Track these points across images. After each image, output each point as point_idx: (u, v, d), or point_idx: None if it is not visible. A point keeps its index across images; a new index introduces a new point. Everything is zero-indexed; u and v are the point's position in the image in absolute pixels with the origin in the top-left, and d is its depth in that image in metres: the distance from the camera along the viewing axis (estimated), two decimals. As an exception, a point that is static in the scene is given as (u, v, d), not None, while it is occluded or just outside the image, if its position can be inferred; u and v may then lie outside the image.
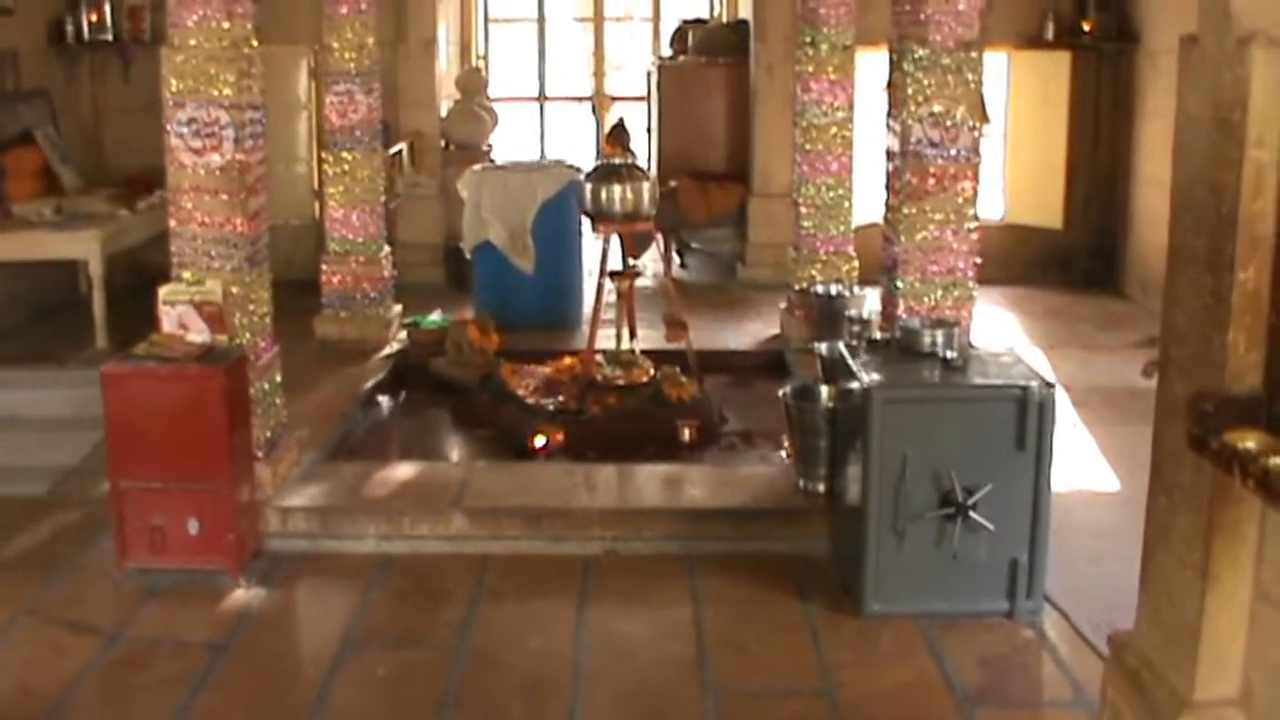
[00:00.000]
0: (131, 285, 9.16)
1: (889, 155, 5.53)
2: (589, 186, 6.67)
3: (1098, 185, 10.50)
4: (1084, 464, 6.28)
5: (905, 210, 5.33)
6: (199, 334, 5.23)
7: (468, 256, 8.96)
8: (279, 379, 5.71)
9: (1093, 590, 4.98)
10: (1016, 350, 5.06)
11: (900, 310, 5.39)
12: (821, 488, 5.49)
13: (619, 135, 6.72)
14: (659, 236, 9.75)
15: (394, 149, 10.14)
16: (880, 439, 4.58)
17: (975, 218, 5.34)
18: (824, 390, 5.67)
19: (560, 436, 6.41)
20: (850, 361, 4.93)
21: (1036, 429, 4.56)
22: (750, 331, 8.89)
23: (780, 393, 5.69)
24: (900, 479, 4.58)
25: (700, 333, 8.78)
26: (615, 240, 6.91)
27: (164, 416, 4.99)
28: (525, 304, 8.55)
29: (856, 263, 8.28)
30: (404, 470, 5.91)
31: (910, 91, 5.25)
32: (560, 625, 4.74)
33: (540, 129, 13.44)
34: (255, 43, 5.35)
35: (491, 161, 11.12)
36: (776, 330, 8.66)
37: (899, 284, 5.38)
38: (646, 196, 6.68)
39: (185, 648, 4.61)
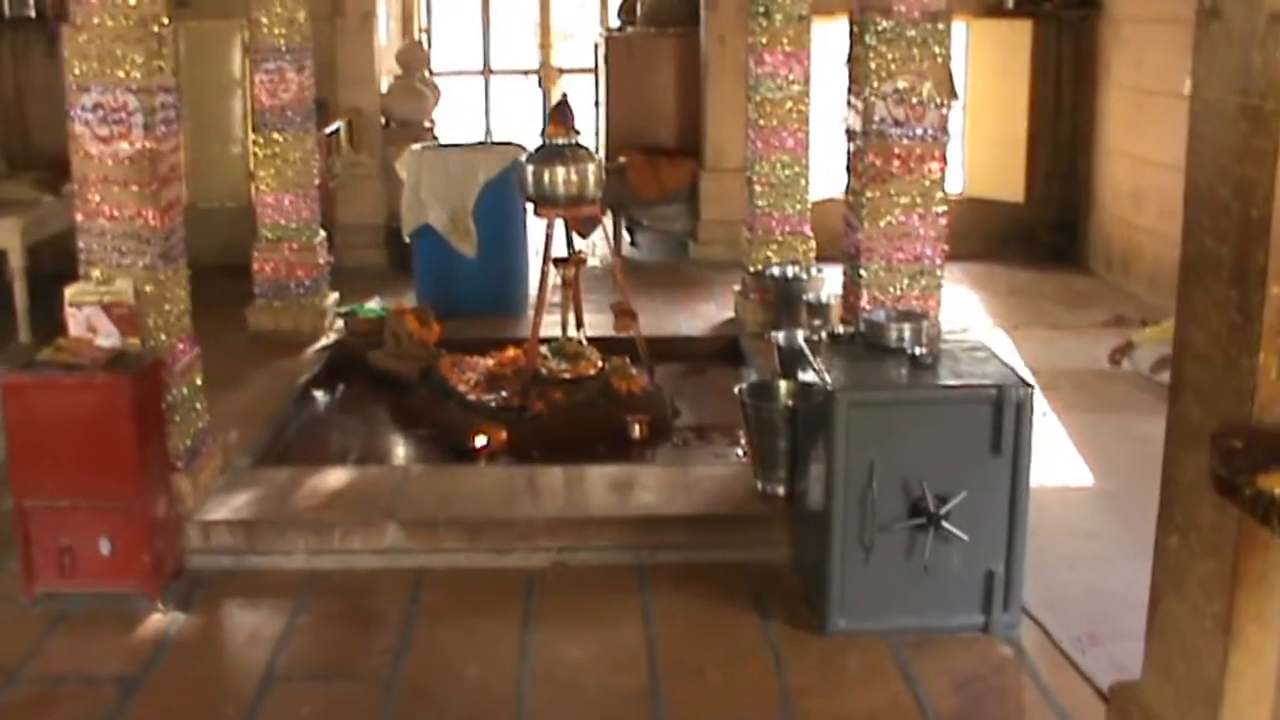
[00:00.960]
0: (61, 273, 8.69)
1: (850, 135, 5.18)
2: (530, 169, 6.28)
3: (1060, 158, 10.23)
4: (1054, 456, 5.98)
5: (868, 194, 4.98)
6: (108, 337, 4.82)
7: (407, 240, 8.56)
8: (199, 382, 5.31)
9: (1071, 598, 4.69)
10: (989, 343, 4.73)
11: (864, 301, 5.05)
12: (781, 490, 5.16)
13: (563, 114, 6.34)
14: (607, 219, 9.45)
15: (331, 128, 9.69)
16: (845, 445, 4.24)
17: (944, 201, 5.00)
18: (783, 386, 5.33)
19: (503, 436, 6.04)
20: (811, 359, 4.59)
21: (1014, 431, 4.24)
22: (703, 315, 8.55)
23: (736, 389, 5.34)
24: (867, 487, 4.25)
25: (651, 317, 8.44)
26: (560, 225, 6.52)
27: (69, 429, 4.58)
28: (468, 290, 8.17)
29: (814, 243, 7.95)
30: (335, 477, 5.52)
31: (873, 66, 4.89)
32: (501, 651, 4.38)
33: (485, 104, 12.98)
34: (167, 20, 4.92)
35: (434, 140, 10.72)
36: (731, 314, 8.32)
37: (862, 272, 5.04)
38: (592, 179, 6.30)
39: (92, 684, 4.22)
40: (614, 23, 11.54)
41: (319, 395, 7.08)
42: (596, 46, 11.33)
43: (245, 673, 4.30)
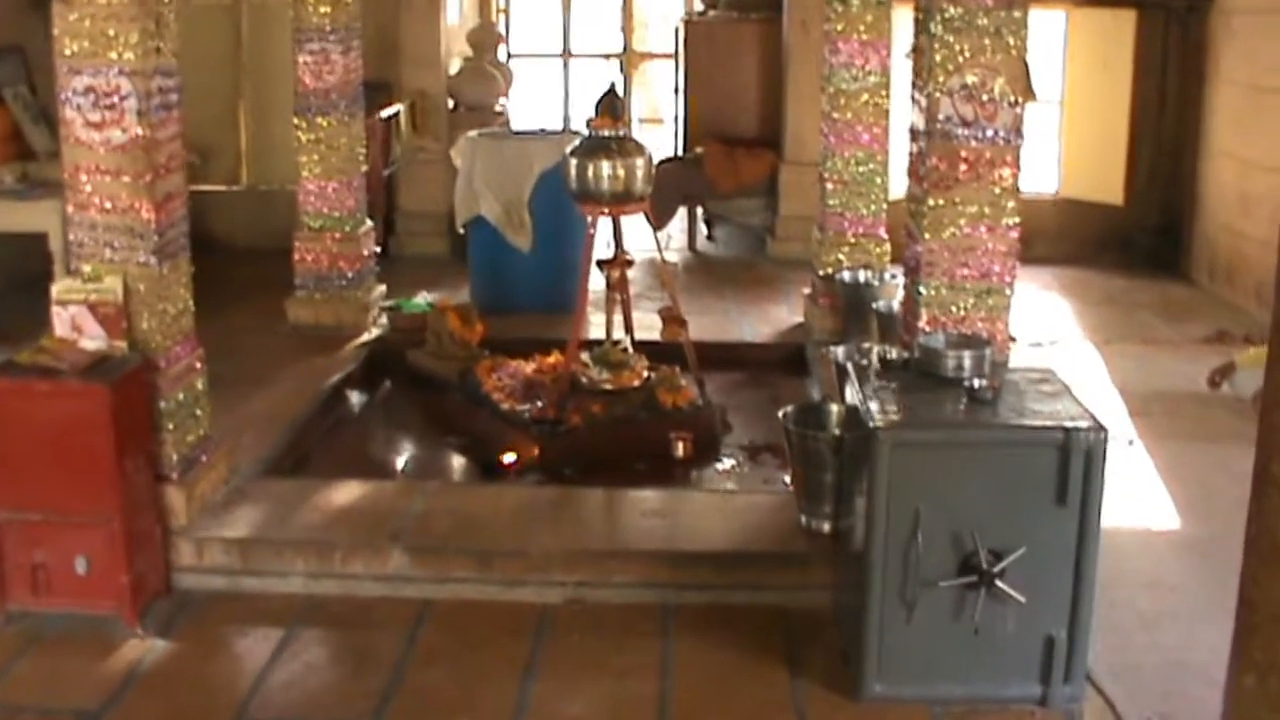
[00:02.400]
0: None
1: (913, 135, 4.65)
2: (573, 163, 5.82)
3: (1162, 158, 9.56)
4: (1139, 493, 5.39)
5: (930, 201, 4.45)
6: (93, 339, 4.46)
7: (460, 231, 8.15)
8: (200, 386, 4.93)
9: (1145, 667, 4.14)
10: (1060, 375, 4.17)
11: (923, 321, 4.52)
12: (827, 527, 4.66)
13: (609, 104, 5.86)
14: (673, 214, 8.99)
15: (389, 111, 9.31)
16: (887, 490, 3.73)
17: (1015, 212, 4.45)
18: (833, 411, 4.82)
19: (533, 451, 5.61)
20: (857, 387, 4.08)
21: (1082, 481, 3.70)
22: (772, 319, 8.04)
23: (780, 414, 4.85)
24: (911, 538, 3.74)
25: (715, 319, 8.00)
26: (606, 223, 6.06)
27: (44, 438, 4.23)
28: (522, 286, 7.75)
29: (888, 246, 7.39)
30: (345, 491, 5.11)
31: (939, 58, 4.35)
32: (497, 702, 3.94)
33: (564, 89, 12.56)
34: (168, -2, 4.55)
35: (505, 125, 10.32)
36: (800, 319, 7.79)
37: (921, 289, 4.51)
38: (640, 174, 5.82)
39: (49, 717, 3.86)
40: (697, 7, 11.06)
41: (352, 396, 6.70)
42: (677, 31, 10.86)
43: (214, 714, 3.90)
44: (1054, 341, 7.70)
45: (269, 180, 9.98)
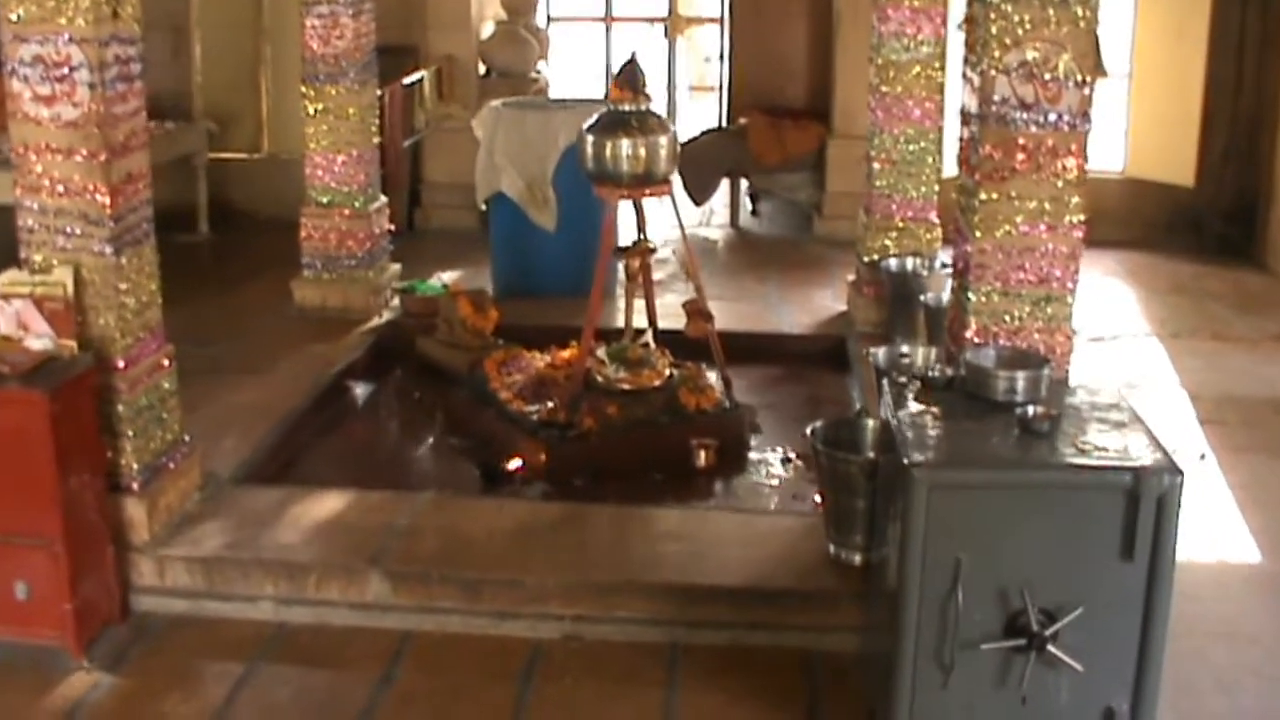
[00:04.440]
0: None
1: (964, 118, 4.09)
2: (589, 140, 5.29)
3: (1238, 137, 8.87)
4: (1211, 519, 4.82)
5: (983, 195, 3.88)
6: (41, 338, 4.00)
7: (482, 208, 7.66)
8: (169, 385, 4.47)
9: (1221, 736, 3.59)
10: (1130, 402, 3.61)
11: (970, 331, 3.96)
12: (858, 559, 4.15)
13: (629, 74, 5.32)
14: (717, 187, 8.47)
15: (411, 78, 8.80)
16: (923, 537, 3.20)
17: (1080, 209, 3.87)
18: (869, 428, 4.30)
19: (541, 457, 5.11)
20: (893, 413, 3.55)
21: (1153, 532, 3.15)
22: (815, 306, 7.49)
23: (808, 430, 4.32)
24: (950, 593, 3.21)
25: (755, 305, 7.49)
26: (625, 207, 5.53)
27: (-24, 451, 3.78)
28: (546, 268, 7.26)
29: (940, 232, 6.82)
30: (329, 503, 4.64)
31: (995, 30, 3.78)
32: (472, 765, 3.48)
33: (606, 55, 12.01)
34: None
35: (541, 93, 9.81)
36: (844, 306, 7.24)
37: (970, 295, 3.95)
38: (663, 153, 5.28)
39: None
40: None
41: (356, 388, 6.23)
42: (723, -7, 10.30)
43: (153, 772, 3.46)
44: (1116, 336, 7.11)
45: (291, 149, 9.49)
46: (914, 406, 3.53)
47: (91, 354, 4.04)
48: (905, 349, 5.15)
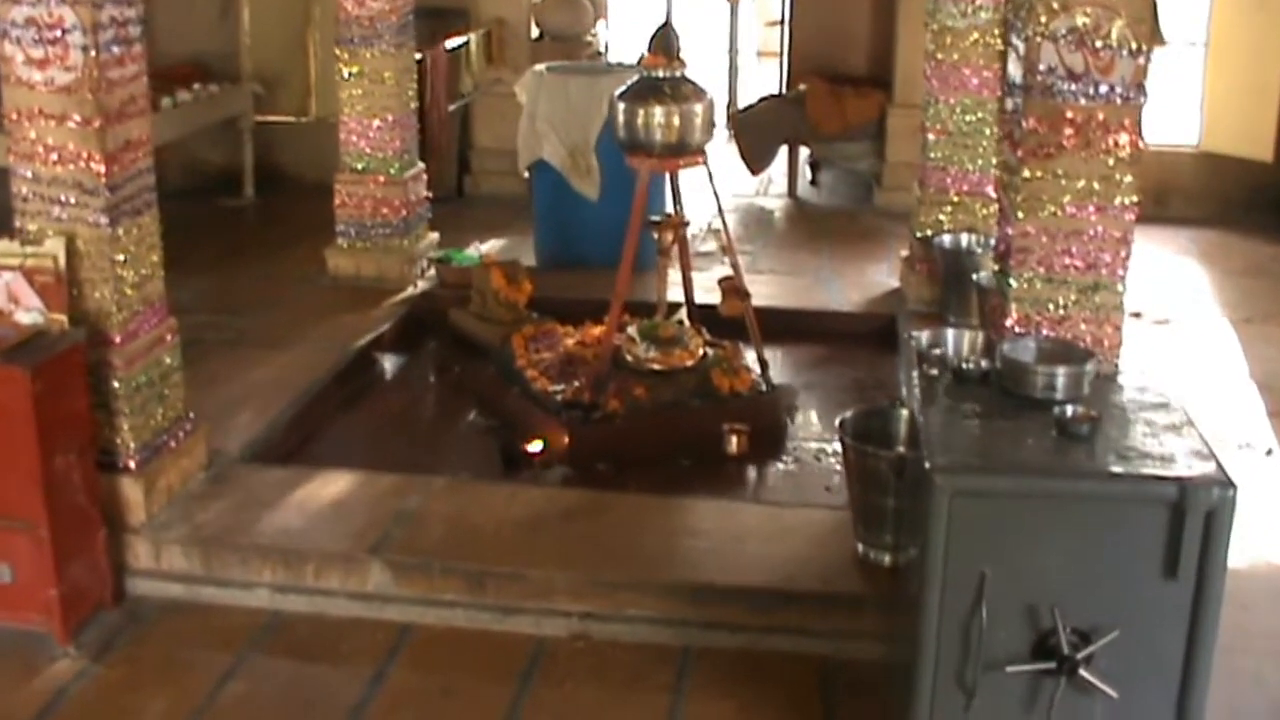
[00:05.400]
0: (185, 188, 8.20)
1: (1008, 89, 3.77)
2: (621, 108, 5.04)
3: (1323, 110, 8.41)
4: (1273, 522, 4.49)
5: (1026, 173, 3.57)
6: (31, 312, 3.83)
7: (524, 175, 7.43)
8: (172, 361, 4.29)
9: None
10: (1183, 403, 3.31)
11: (1011, 320, 3.67)
12: (887, 560, 3.89)
13: (663, 39, 5.07)
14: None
15: (455, 41, 8.56)
16: (944, 548, 2.93)
17: (1133, 189, 3.56)
18: (902, 418, 4.02)
19: (564, 440, 4.88)
20: (920, 408, 3.28)
21: (1200, 550, 2.86)
22: (867, 281, 7.18)
23: (838, 422, 4.06)
24: (974, 610, 2.94)
25: (805, 280, 7.21)
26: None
27: (-42, 430, 3.62)
28: (589, 238, 6.96)
29: (995, 206, 6.47)
30: (337, 484, 4.45)
31: (1043, -7, 3.47)
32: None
33: (666, 18, 11.69)
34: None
35: (596, 57, 9.56)
36: (898, 283, 6.93)
37: (1011, 281, 3.66)
38: (698, 122, 5.02)
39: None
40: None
41: (383, 361, 6.04)
42: (783, -44, 10.00)
43: (127, 772, 3.30)
44: (1183, 320, 6.74)
45: (337, 112, 9.34)
46: (944, 401, 3.26)
47: (84, 329, 3.87)
48: (946, 334, 4.84)
